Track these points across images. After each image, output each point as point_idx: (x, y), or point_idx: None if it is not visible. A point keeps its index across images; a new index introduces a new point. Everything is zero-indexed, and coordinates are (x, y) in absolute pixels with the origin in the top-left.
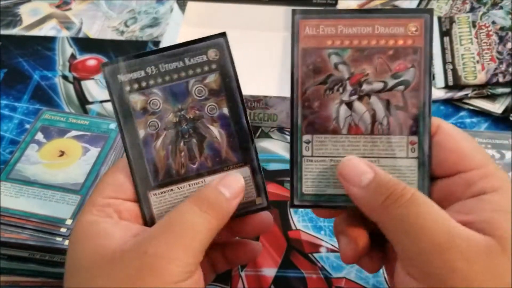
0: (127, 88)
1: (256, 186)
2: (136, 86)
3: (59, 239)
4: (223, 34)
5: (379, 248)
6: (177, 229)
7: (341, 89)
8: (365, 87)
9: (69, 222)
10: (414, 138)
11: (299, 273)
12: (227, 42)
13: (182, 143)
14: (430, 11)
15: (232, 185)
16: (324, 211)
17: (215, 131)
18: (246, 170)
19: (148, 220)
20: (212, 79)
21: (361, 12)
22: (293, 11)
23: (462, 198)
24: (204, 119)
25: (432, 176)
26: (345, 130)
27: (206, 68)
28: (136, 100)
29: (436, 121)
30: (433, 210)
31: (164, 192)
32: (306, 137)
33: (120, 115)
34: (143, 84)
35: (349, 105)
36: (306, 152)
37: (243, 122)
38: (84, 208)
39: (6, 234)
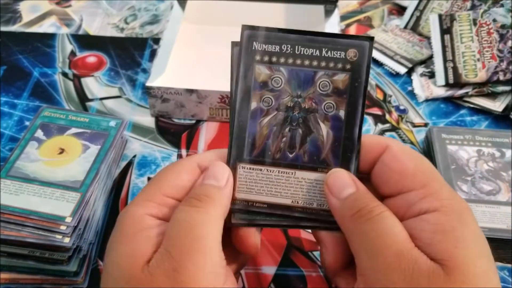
0: (257, 57)
1: None
2: (266, 58)
3: (59, 236)
4: (371, 39)
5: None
6: (184, 238)
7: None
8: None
9: (69, 219)
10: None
11: (299, 271)
12: (371, 48)
13: (287, 129)
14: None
15: (217, 174)
16: None
17: (324, 129)
18: None
19: None
20: (341, 78)
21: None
22: None
23: (404, 219)
24: (317, 114)
25: (379, 195)
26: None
27: (339, 66)
28: (261, 72)
29: (385, 140)
30: (395, 230)
31: (253, 169)
32: None
33: (240, 80)
34: (274, 59)
35: None
36: None
37: (355, 132)
38: (138, 199)
39: (6, 231)
